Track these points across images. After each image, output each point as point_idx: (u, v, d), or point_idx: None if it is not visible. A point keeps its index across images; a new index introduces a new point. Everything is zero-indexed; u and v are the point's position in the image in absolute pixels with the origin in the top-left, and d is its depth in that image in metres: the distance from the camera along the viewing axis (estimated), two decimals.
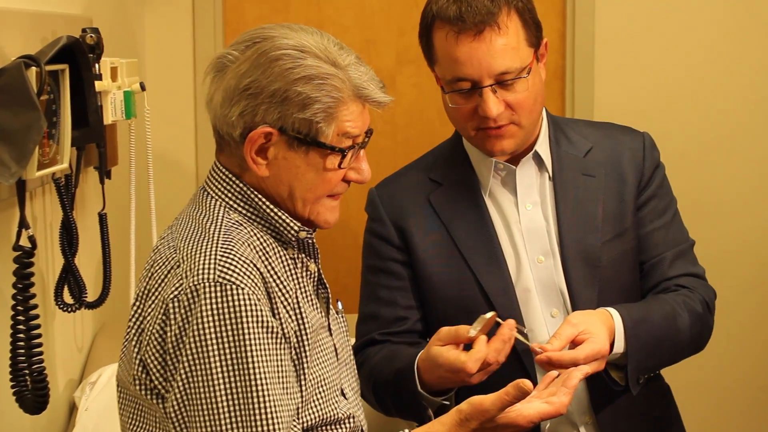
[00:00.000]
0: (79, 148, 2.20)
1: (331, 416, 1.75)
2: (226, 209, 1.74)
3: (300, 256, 1.78)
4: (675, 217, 2.29)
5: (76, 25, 2.25)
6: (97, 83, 2.20)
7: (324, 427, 1.74)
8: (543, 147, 2.22)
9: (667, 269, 2.23)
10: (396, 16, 3.62)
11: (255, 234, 1.72)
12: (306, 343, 1.70)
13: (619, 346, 2.07)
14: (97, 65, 2.26)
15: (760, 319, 3.70)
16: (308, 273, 1.79)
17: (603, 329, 2.02)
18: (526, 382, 1.71)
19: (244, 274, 1.63)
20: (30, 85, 1.77)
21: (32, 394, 1.93)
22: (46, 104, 1.90)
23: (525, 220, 2.20)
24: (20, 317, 1.90)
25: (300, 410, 1.69)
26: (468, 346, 1.97)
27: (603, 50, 3.60)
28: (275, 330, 1.64)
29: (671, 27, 3.61)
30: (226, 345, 1.59)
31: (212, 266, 1.62)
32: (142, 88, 2.53)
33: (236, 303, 1.60)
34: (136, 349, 1.67)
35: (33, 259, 1.89)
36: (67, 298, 2.22)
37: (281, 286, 1.70)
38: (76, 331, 2.47)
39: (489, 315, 1.95)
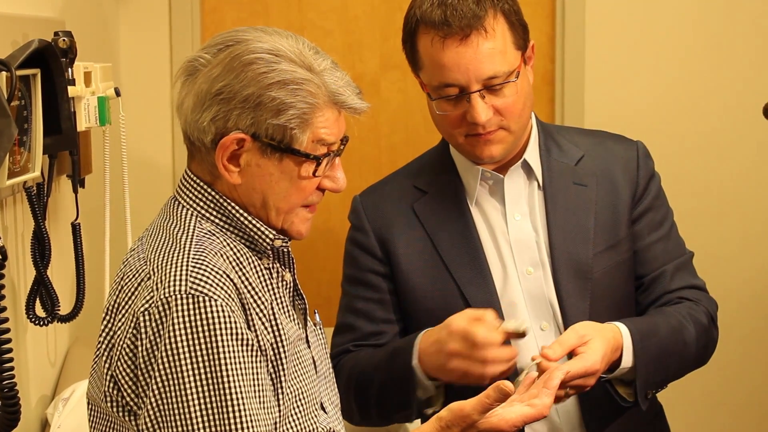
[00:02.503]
0: (52, 155, 2.19)
1: (310, 431, 1.71)
2: (198, 219, 1.71)
3: (275, 265, 1.76)
4: (672, 229, 2.26)
5: (49, 28, 2.24)
6: (70, 88, 2.19)
7: None
8: (532, 155, 2.19)
9: (669, 282, 2.20)
10: (380, 19, 3.57)
11: (228, 244, 1.69)
12: (283, 355, 1.67)
13: (628, 361, 2.03)
14: (70, 70, 2.24)
15: (756, 335, 3.66)
16: (284, 283, 1.76)
17: (602, 347, 1.96)
18: (507, 383, 1.69)
19: (217, 285, 1.60)
20: (0, 91, 1.74)
21: (2, 411, 1.88)
22: (17, 110, 1.88)
23: (513, 230, 2.16)
24: None
25: (278, 425, 1.65)
26: None
27: (593, 54, 3.58)
28: (250, 342, 1.60)
29: (663, 30, 3.59)
30: (200, 359, 1.56)
31: (184, 278, 1.59)
32: (117, 93, 2.50)
33: (209, 315, 1.57)
34: (106, 365, 1.63)
35: (3, 270, 1.85)
36: (39, 311, 2.19)
37: (256, 297, 1.67)
38: (49, 345, 2.44)
39: (526, 326, 1.94)
